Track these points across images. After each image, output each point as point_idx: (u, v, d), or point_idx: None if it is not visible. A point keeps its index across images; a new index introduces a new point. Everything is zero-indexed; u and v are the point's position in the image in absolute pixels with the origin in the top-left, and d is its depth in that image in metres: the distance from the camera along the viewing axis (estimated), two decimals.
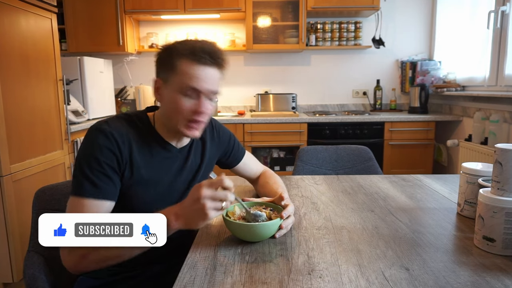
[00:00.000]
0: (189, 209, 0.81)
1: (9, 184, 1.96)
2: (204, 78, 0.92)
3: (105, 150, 0.90)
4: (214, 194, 0.79)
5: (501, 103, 2.48)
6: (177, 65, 0.92)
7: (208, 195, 0.79)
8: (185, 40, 0.96)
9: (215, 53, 0.93)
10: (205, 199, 0.78)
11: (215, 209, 0.80)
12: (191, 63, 0.91)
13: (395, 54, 3.65)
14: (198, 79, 0.92)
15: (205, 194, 0.78)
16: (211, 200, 0.79)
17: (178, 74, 0.92)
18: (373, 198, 1.26)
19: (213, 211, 0.80)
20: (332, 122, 3.12)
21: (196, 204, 0.79)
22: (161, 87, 0.97)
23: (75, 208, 0.87)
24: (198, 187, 0.80)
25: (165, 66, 0.95)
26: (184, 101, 0.93)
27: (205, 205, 0.78)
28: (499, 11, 2.48)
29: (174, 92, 0.93)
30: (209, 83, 0.93)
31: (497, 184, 0.85)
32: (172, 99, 0.94)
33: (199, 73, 0.92)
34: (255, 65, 3.68)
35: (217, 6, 3.26)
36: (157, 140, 1.01)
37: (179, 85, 0.92)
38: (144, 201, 0.98)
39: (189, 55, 0.91)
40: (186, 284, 0.73)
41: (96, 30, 3.28)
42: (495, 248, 0.84)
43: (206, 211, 0.79)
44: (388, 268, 0.78)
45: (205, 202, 0.78)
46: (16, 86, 2.03)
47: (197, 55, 0.91)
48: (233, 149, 1.24)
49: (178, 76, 0.92)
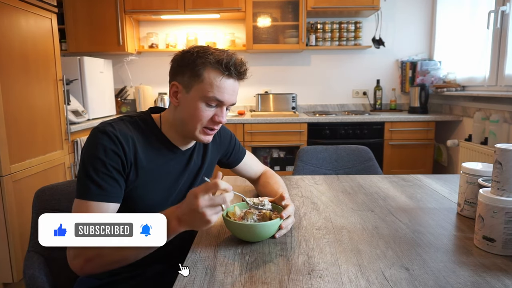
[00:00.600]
0: (189, 216, 0.79)
1: (9, 184, 1.96)
2: (229, 91, 0.95)
3: (110, 152, 0.89)
4: (212, 202, 0.77)
5: (501, 103, 2.48)
6: (203, 74, 0.93)
7: (206, 204, 0.77)
8: (208, 48, 0.96)
9: (241, 66, 0.95)
10: (203, 208, 0.77)
11: (216, 213, 0.79)
12: (218, 75, 0.93)
13: (395, 54, 3.65)
14: (224, 92, 0.94)
15: (202, 204, 0.77)
16: (210, 208, 0.78)
17: (203, 83, 0.93)
18: (373, 198, 1.26)
19: (214, 215, 0.79)
20: (332, 122, 3.12)
21: (195, 213, 0.78)
22: (181, 92, 0.97)
23: (80, 211, 0.87)
24: (194, 196, 0.78)
25: (188, 72, 0.95)
26: (206, 109, 0.95)
27: (205, 213, 0.77)
28: (499, 11, 2.48)
29: (196, 99, 0.95)
30: (232, 95, 0.97)
31: (497, 184, 0.85)
32: (194, 106, 0.95)
33: (225, 85, 0.94)
34: (255, 65, 3.68)
35: (217, 6, 3.26)
36: (163, 142, 1.01)
37: (203, 94, 0.94)
38: (147, 202, 0.98)
39: (217, 65, 0.92)
40: (186, 284, 0.73)
41: (96, 30, 3.28)
42: (495, 248, 0.84)
43: (207, 218, 0.77)
44: (388, 268, 0.78)
45: (204, 211, 0.77)
46: (16, 86, 2.03)
47: (225, 67, 0.92)
48: (234, 150, 1.24)
49: (203, 85, 0.93)
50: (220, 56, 0.93)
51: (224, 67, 0.92)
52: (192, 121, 0.96)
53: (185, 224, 0.80)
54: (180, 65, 0.97)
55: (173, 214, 0.81)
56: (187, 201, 0.80)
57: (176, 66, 0.98)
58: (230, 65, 0.92)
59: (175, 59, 0.98)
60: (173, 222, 0.80)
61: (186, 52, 0.96)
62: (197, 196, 0.77)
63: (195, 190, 0.79)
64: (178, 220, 0.80)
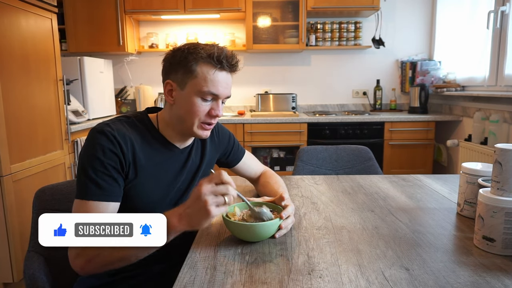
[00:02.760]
0: (191, 209, 0.79)
1: (9, 184, 1.96)
2: (222, 84, 0.96)
3: (108, 152, 0.90)
4: (215, 189, 0.78)
5: (501, 103, 2.48)
6: (196, 69, 0.94)
7: (209, 190, 0.77)
8: (198, 44, 0.97)
9: (233, 59, 0.96)
10: (206, 195, 0.77)
11: (217, 204, 0.78)
12: (211, 68, 0.94)
13: (395, 54, 3.65)
14: (218, 85, 0.95)
15: (205, 190, 0.77)
16: (212, 196, 0.78)
17: (197, 78, 0.94)
18: (373, 198, 1.26)
19: (216, 207, 0.78)
20: (332, 122, 3.12)
21: (197, 202, 0.78)
22: (175, 90, 0.98)
23: (80, 211, 0.87)
24: (199, 185, 0.79)
25: (181, 69, 0.96)
26: (202, 104, 0.96)
27: (207, 201, 0.77)
28: (499, 11, 2.48)
29: (191, 95, 0.96)
30: (226, 88, 0.98)
31: (497, 184, 0.85)
32: (190, 102, 0.96)
33: (218, 79, 0.95)
34: (255, 65, 3.69)
35: (217, 6, 3.26)
36: (160, 141, 1.02)
37: (198, 89, 0.95)
38: (146, 201, 0.98)
39: (209, 59, 0.93)
40: (186, 284, 0.73)
41: (96, 30, 3.28)
42: (495, 248, 0.84)
43: (208, 207, 0.77)
44: (388, 268, 0.78)
45: (207, 199, 0.77)
46: (16, 86, 2.03)
47: (217, 60, 0.93)
48: (233, 149, 1.24)
49: (198, 80, 0.94)
50: (211, 50, 0.94)
51: (216, 61, 0.93)
52: (190, 117, 0.97)
53: (186, 220, 0.80)
54: (172, 63, 0.98)
55: (174, 212, 0.81)
56: (191, 194, 0.81)
57: (168, 65, 0.99)
58: (222, 58, 0.94)
59: (167, 58, 1.00)
60: (173, 219, 0.80)
61: (177, 50, 0.98)
62: (201, 184, 0.78)
63: (200, 181, 0.80)
64: (179, 216, 0.80)
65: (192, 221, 0.80)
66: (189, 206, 0.80)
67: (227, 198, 0.79)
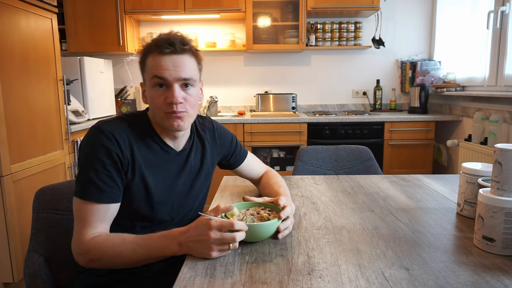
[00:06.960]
0: (194, 244, 0.82)
1: (9, 184, 1.96)
2: (168, 66, 0.94)
3: (107, 151, 0.90)
4: (222, 238, 0.80)
5: (501, 103, 2.48)
6: (146, 62, 0.97)
7: (217, 238, 0.80)
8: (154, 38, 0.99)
9: (174, 40, 0.95)
10: (212, 242, 0.80)
11: (220, 250, 0.81)
12: (155, 56, 0.95)
13: (395, 54, 3.65)
14: (162, 68, 0.94)
15: (213, 237, 0.79)
16: (218, 244, 0.80)
17: (147, 70, 0.97)
18: (373, 198, 1.26)
19: (218, 252, 0.81)
20: (332, 122, 3.12)
21: (202, 243, 0.80)
22: (144, 88, 1.01)
23: (82, 212, 0.89)
24: (208, 227, 0.80)
25: (141, 68, 1.00)
26: (157, 94, 0.96)
27: (212, 248, 0.80)
28: (499, 11, 2.48)
29: (149, 89, 0.98)
30: (174, 70, 0.94)
31: (497, 184, 0.85)
32: (149, 96, 0.98)
33: (162, 63, 0.94)
34: (255, 65, 3.69)
35: (217, 6, 3.26)
36: (157, 142, 1.02)
37: (149, 80, 0.97)
38: (144, 202, 0.98)
39: (153, 49, 0.95)
40: (186, 284, 0.73)
41: (96, 30, 3.28)
42: (494, 248, 0.84)
43: (210, 252, 0.80)
44: (388, 268, 0.78)
45: (212, 245, 0.80)
46: (16, 86, 2.03)
47: (159, 46, 0.94)
48: (235, 151, 1.24)
49: (148, 72, 0.97)
50: (156, 39, 0.96)
51: (155, 46, 0.94)
52: (155, 110, 0.98)
53: (185, 250, 0.83)
54: (139, 66, 1.02)
55: (175, 240, 0.83)
56: (197, 229, 0.82)
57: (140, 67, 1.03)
58: (161, 42, 0.94)
59: None
60: (174, 247, 0.83)
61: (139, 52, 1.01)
62: (211, 228, 0.80)
63: (210, 222, 0.81)
64: (179, 245, 0.83)
65: (191, 253, 0.83)
66: (193, 240, 0.82)
67: (232, 245, 0.81)
